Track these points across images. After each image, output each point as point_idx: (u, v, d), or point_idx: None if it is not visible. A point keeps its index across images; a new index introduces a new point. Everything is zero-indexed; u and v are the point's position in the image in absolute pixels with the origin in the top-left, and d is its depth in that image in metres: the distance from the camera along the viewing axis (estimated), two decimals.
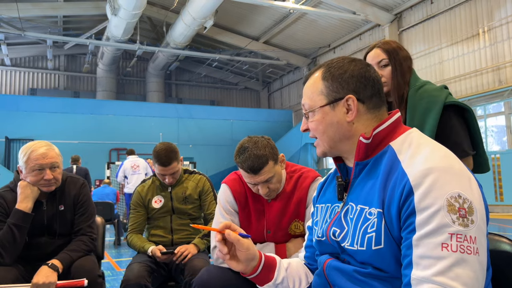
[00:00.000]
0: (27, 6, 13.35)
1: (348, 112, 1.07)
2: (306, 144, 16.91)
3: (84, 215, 2.18)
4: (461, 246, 0.86)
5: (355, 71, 1.09)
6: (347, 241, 1.04)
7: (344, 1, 12.13)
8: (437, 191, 0.90)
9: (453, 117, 1.70)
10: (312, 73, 1.15)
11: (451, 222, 0.87)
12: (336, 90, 1.08)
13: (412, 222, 0.91)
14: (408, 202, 0.92)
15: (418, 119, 1.71)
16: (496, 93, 10.46)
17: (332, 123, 1.08)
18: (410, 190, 0.92)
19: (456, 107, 1.72)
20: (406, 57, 1.85)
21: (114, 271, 5.13)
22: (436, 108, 1.69)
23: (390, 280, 0.97)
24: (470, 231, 0.88)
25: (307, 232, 1.32)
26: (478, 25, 10.85)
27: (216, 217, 1.90)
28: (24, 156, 2.03)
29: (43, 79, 18.95)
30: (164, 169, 2.47)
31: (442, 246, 0.87)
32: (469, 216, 0.89)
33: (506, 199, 9.76)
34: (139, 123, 15.66)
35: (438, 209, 0.88)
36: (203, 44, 17.30)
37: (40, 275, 1.87)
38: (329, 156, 1.14)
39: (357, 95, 1.07)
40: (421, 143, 1.02)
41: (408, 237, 0.91)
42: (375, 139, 1.06)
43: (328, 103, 1.08)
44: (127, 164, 7.97)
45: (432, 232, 0.88)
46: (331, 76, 1.09)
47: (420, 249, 0.89)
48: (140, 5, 11.87)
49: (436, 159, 0.95)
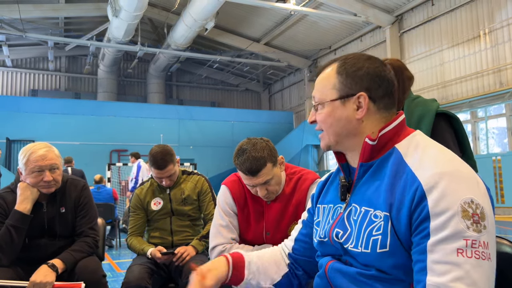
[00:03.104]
0: (29, 8, 13.37)
1: (358, 109, 1.06)
2: (307, 145, 16.90)
3: (85, 217, 2.18)
4: (476, 252, 0.86)
5: (370, 68, 1.07)
6: (350, 242, 1.03)
7: (345, 2, 12.13)
8: (451, 196, 0.89)
9: (442, 123, 1.88)
10: (326, 67, 1.14)
11: (466, 228, 0.87)
12: (349, 86, 1.07)
13: (426, 227, 0.90)
14: (421, 207, 0.91)
15: (414, 125, 1.85)
16: (497, 95, 10.45)
17: (341, 118, 1.07)
18: (423, 194, 0.91)
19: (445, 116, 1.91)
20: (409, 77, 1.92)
21: (114, 272, 5.12)
22: (429, 114, 1.87)
23: (393, 282, 0.96)
24: (483, 236, 0.88)
25: (300, 224, 1.31)
26: (479, 27, 10.84)
27: (215, 219, 1.90)
28: (24, 157, 2.04)
29: (44, 80, 18.97)
30: (160, 172, 2.47)
31: (458, 252, 0.86)
32: (481, 222, 0.89)
33: (507, 201, 9.74)
34: (140, 125, 15.65)
35: (453, 214, 0.88)
36: (204, 45, 17.31)
37: (38, 274, 1.87)
38: (332, 150, 1.13)
39: (369, 93, 1.06)
40: (426, 145, 1.02)
41: (422, 242, 0.91)
42: (381, 141, 1.05)
43: (339, 98, 1.07)
44: (144, 166, 8.05)
45: (448, 238, 0.87)
46: (345, 71, 1.08)
47: (436, 255, 0.88)
48: (141, 6, 11.88)
49: (445, 163, 0.94)
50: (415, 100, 1.96)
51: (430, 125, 1.86)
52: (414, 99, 1.96)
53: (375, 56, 1.14)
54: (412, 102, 1.94)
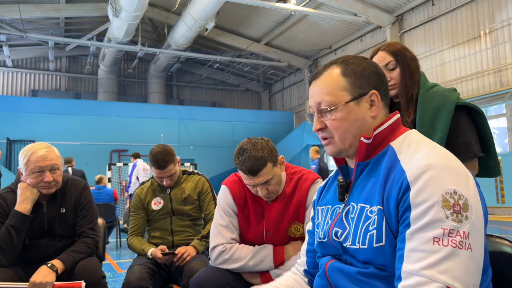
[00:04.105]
0: (29, 8, 13.37)
1: (371, 107, 1.08)
2: (307, 145, 16.89)
3: (86, 218, 2.17)
4: (453, 240, 0.87)
5: (371, 68, 1.10)
6: (348, 240, 1.04)
7: (345, 3, 12.13)
8: (432, 187, 0.90)
9: (463, 118, 1.66)
10: (323, 71, 1.12)
11: (445, 217, 0.88)
12: (360, 86, 1.08)
13: (408, 216, 0.92)
14: (405, 198, 0.93)
15: (430, 117, 1.66)
16: (498, 95, 10.44)
17: (357, 119, 1.07)
18: (407, 186, 0.93)
19: (466, 109, 1.68)
20: (412, 58, 1.81)
21: (115, 272, 5.12)
22: (448, 107, 1.65)
23: (392, 280, 0.97)
24: (463, 226, 0.88)
25: (307, 236, 1.31)
26: (479, 27, 10.83)
27: (216, 219, 1.89)
28: (24, 158, 2.03)
29: (45, 80, 18.96)
30: (160, 172, 2.47)
31: (434, 240, 0.87)
32: (463, 212, 0.89)
33: (508, 201, 9.73)
34: (140, 125, 15.65)
35: (432, 204, 0.89)
36: (204, 45, 17.30)
37: (38, 274, 1.87)
38: (344, 155, 1.13)
39: (378, 91, 1.09)
40: (420, 143, 1.03)
41: (403, 231, 0.92)
42: (376, 139, 1.06)
43: (353, 99, 1.07)
44: (140, 166, 8.04)
45: (425, 226, 0.88)
46: (353, 72, 1.09)
47: (412, 243, 0.89)
48: (142, 6, 11.88)
49: (435, 157, 0.95)
50: (431, 89, 1.73)
51: (448, 120, 1.63)
52: (431, 88, 1.74)
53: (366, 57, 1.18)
54: (427, 92, 1.72)
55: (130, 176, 8.30)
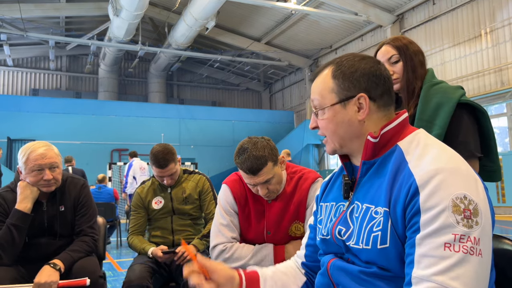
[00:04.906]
0: (30, 7, 13.37)
1: (359, 110, 1.06)
2: (307, 145, 16.89)
3: (85, 216, 2.17)
4: (464, 246, 0.86)
5: (366, 69, 1.07)
6: (352, 239, 1.03)
7: (346, 2, 12.12)
8: (442, 191, 0.89)
9: (465, 116, 1.62)
10: (321, 70, 1.12)
11: (455, 222, 0.87)
12: (347, 88, 1.06)
13: (417, 221, 0.90)
14: (414, 202, 0.91)
15: (429, 113, 1.63)
16: (498, 94, 10.43)
17: (343, 121, 1.06)
18: (416, 190, 0.92)
19: (470, 107, 1.64)
20: (417, 51, 1.79)
21: (115, 271, 5.12)
22: (449, 104, 1.61)
23: (395, 280, 0.96)
24: (474, 232, 0.87)
25: (307, 230, 1.31)
26: (480, 26, 10.82)
27: (216, 218, 1.89)
28: (23, 156, 2.03)
29: (45, 79, 18.97)
30: (161, 171, 2.47)
31: (445, 246, 0.86)
32: (474, 218, 0.88)
33: (508, 200, 9.72)
34: (141, 124, 15.65)
35: (443, 209, 0.88)
36: (205, 45, 17.30)
37: (42, 274, 1.87)
38: (339, 154, 1.13)
39: (369, 94, 1.06)
40: (428, 143, 1.01)
41: (412, 236, 0.91)
42: (383, 139, 1.05)
43: (339, 101, 1.07)
44: (136, 165, 8.02)
45: (436, 232, 0.87)
46: (342, 74, 1.07)
47: (423, 248, 0.88)
48: (142, 6, 11.88)
49: (443, 160, 0.94)
50: (435, 85, 1.70)
51: (448, 117, 1.59)
52: (436, 84, 1.70)
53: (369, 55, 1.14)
54: (431, 87, 1.69)
55: (126, 176, 8.26)
